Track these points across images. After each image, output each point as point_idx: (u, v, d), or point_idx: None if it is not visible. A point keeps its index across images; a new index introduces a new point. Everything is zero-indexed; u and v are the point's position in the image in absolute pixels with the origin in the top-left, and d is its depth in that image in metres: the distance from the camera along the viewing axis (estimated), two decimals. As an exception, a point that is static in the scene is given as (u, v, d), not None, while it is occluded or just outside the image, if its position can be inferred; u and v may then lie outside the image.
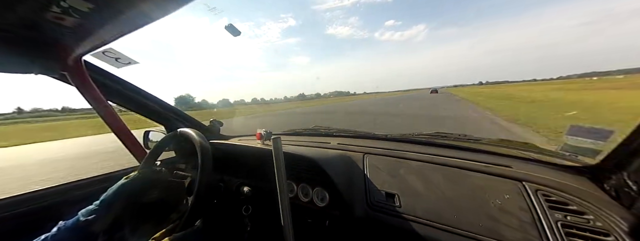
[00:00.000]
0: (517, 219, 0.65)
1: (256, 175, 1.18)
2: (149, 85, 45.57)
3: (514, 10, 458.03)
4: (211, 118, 1.63)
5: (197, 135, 0.88)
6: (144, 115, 1.35)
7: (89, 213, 0.78)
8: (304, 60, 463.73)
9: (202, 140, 0.85)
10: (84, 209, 0.80)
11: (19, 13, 0.62)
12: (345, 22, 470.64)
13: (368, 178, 0.94)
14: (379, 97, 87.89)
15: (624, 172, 0.62)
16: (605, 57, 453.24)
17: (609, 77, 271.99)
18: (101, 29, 0.71)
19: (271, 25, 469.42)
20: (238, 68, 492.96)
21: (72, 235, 0.73)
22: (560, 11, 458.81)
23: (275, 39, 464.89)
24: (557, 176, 0.75)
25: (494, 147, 1.05)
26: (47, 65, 0.92)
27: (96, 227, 0.77)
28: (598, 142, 0.77)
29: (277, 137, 0.72)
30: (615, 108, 10.13)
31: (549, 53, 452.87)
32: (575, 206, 0.63)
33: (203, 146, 0.82)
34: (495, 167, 0.82)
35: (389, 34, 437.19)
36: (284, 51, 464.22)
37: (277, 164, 0.71)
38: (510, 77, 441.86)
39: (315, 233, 0.99)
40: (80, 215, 0.78)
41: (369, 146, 1.16)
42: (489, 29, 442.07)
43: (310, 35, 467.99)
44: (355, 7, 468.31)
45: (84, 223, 0.76)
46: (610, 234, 0.56)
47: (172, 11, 0.62)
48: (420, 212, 0.77)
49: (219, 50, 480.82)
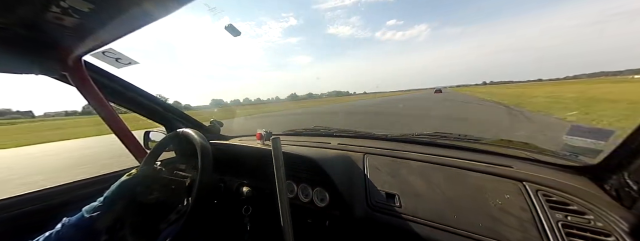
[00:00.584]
0: (517, 219, 0.65)
1: (256, 175, 1.18)
2: (146, 84, 43.98)
3: (516, 10, 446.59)
4: (211, 119, 1.63)
5: (198, 135, 0.88)
6: (144, 115, 1.36)
7: (93, 209, 0.78)
8: (304, 60, 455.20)
9: (203, 141, 0.85)
10: (88, 205, 0.80)
11: (19, 13, 0.62)
12: (347, 22, 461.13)
13: (368, 179, 0.94)
14: (379, 97, 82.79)
15: (625, 172, 0.62)
16: (612, 57, 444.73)
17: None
18: (101, 29, 0.71)
19: (272, 24, 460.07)
20: (235, 68, 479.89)
21: (77, 231, 0.74)
22: (564, 11, 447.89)
23: (276, 39, 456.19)
24: (557, 176, 0.75)
25: (494, 147, 1.05)
26: (47, 66, 0.92)
27: (99, 224, 0.77)
28: (598, 142, 0.77)
29: (276, 137, 0.72)
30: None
31: (552, 53, 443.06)
32: (576, 207, 0.63)
33: (203, 146, 0.82)
34: (496, 167, 0.82)
35: (391, 33, 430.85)
36: (284, 51, 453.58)
37: (277, 164, 0.71)
38: (513, 77, 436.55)
39: (316, 234, 0.99)
40: (85, 211, 0.78)
41: (369, 146, 1.15)
42: (492, 29, 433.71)
43: (311, 35, 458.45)
44: (356, 7, 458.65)
45: (88, 220, 0.76)
46: (611, 234, 0.56)
47: (172, 11, 0.61)
48: (421, 212, 0.77)
49: (220, 49, 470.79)
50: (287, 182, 1.07)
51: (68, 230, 0.73)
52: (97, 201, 0.81)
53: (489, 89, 79.97)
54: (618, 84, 52.64)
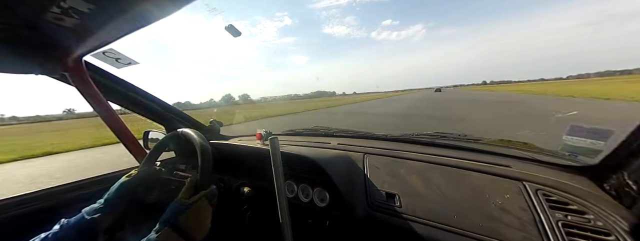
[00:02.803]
0: (517, 219, 0.65)
1: (256, 175, 1.18)
2: (145, 83, 42.22)
3: (515, 9, 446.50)
4: (211, 119, 1.63)
5: (197, 135, 0.88)
6: (144, 115, 1.36)
7: (93, 211, 0.77)
8: (300, 60, 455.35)
9: (202, 141, 0.85)
10: (88, 207, 0.79)
11: (19, 13, 0.62)
12: (342, 22, 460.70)
13: (368, 179, 0.94)
14: (371, 98, 63.44)
15: (625, 172, 0.62)
16: (621, 56, 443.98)
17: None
18: (101, 29, 0.71)
19: (267, 23, 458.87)
20: (229, 68, 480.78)
21: (75, 233, 0.73)
22: (561, 10, 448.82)
23: (271, 38, 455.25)
24: (557, 176, 0.75)
25: (494, 147, 1.05)
26: (47, 66, 0.92)
27: (99, 226, 0.77)
28: (598, 142, 0.77)
29: (274, 137, 0.72)
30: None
31: (552, 53, 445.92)
32: (576, 206, 0.63)
33: (203, 146, 0.82)
34: (496, 167, 0.82)
35: (386, 33, 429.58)
36: (279, 50, 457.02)
37: (275, 164, 0.72)
38: (513, 76, 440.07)
39: (316, 234, 0.99)
40: (85, 213, 0.77)
41: (369, 146, 1.16)
42: (488, 29, 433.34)
43: (306, 35, 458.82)
44: (351, 7, 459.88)
45: (88, 222, 0.75)
46: (610, 234, 0.56)
47: (173, 12, 0.61)
48: (421, 212, 0.77)
49: (212, 48, 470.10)
50: (287, 182, 1.07)
51: (66, 232, 0.72)
52: (98, 202, 0.80)
53: (504, 88, 71.20)
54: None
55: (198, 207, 0.67)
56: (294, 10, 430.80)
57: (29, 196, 1.05)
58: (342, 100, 46.20)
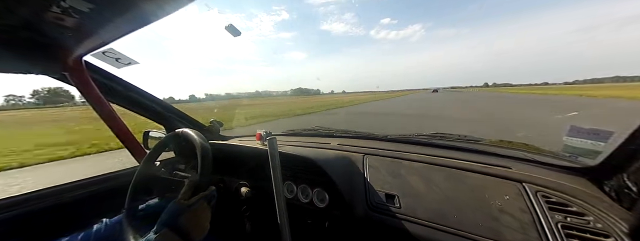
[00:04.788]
0: (517, 220, 0.65)
1: (256, 176, 1.18)
2: (134, 77, 40.15)
3: (515, 10, 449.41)
4: (211, 119, 1.63)
5: (197, 135, 0.88)
6: (144, 115, 1.35)
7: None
8: (299, 56, 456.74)
9: (202, 141, 0.85)
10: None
11: (19, 13, 0.62)
12: (340, 18, 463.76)
13: (368, 179, 0.94)
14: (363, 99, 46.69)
15: (624, 174, 0.62)
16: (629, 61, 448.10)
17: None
18: (101, 29, 0.71)
19: (263, 17, 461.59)
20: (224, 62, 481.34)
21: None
22: (561, 13, 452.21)
23: (267, 33, 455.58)
24: (557, 177, 0.75)
25: (494, 148, 1.05)
26: (47, 66, 0.92)
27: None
28: (598, 143, 0.77)
29: (272, 138, 0.72)
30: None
31: (550, 57, 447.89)
32: (575, 208, 0.63)
33: (203, 146, 0.82)
34: (495, 168, 0.82)
35: (385, 32, 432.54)
36: (275, 46, 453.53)
37: (273, 164, 0.72)
38: (513, 80, 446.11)
39: (316, 234, 0.99)
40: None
41: (369, 147, 1.15)
42: (488, 30, 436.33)
43: (303, 31, 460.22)
44: (350, 4, 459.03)
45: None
46: (610, 235, 0.56)
47: (173, 11, 0.61)
48: (421, 213, 0.77)
49: (203, 43, 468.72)
50: (286, 183, 1.06)
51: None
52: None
53: (516, 91, 61.09)
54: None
55: (197, 209, 0.66)
56: (291, 5, 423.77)
57: (28, 196, 1.05)
58: (308, 103, 32.11)
